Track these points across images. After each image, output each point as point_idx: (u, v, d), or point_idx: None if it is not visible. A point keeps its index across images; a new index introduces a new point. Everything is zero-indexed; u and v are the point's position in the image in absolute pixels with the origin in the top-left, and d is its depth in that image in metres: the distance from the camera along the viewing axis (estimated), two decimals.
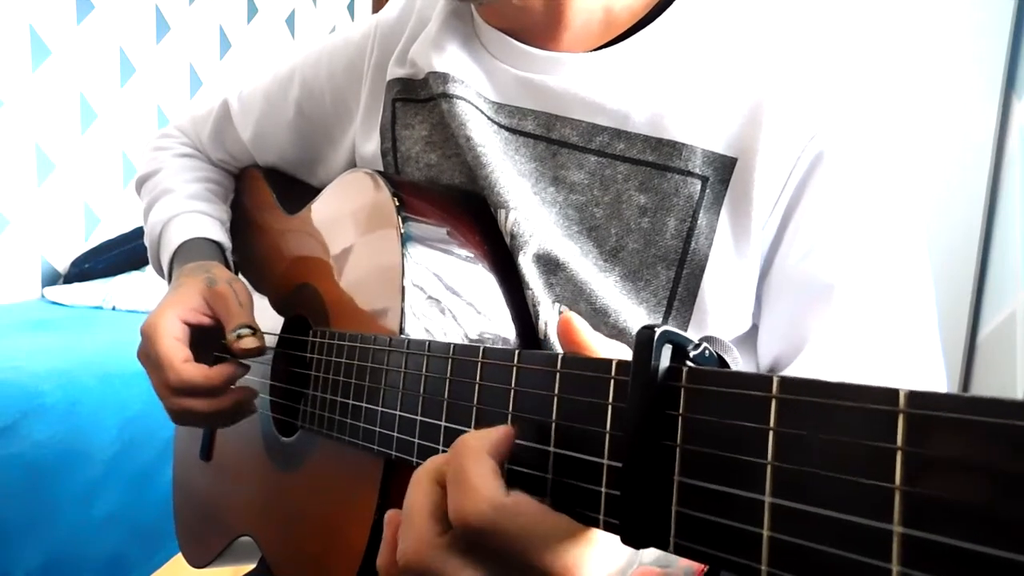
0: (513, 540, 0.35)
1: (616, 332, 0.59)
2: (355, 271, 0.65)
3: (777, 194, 0.58)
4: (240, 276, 0.92)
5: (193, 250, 0.83)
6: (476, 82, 0.68)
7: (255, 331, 0.69)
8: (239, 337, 0.68)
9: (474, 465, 0.36)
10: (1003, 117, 1.69)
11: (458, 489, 0.36)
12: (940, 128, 1.74)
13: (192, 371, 0.68)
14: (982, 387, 1.70)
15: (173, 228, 0.85)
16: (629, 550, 0.40)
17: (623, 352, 0.40)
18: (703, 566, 0.56)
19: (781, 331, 0.60)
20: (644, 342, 0.32)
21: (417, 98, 0.74)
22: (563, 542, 0.36)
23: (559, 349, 0.60)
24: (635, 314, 0.60)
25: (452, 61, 0.69)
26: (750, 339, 0.63)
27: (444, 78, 0.68)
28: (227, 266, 0.84)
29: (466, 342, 0.58)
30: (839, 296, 0.57)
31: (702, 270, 0.59)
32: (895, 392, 0.24)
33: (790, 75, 0.58)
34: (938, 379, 0.58)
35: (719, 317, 0.60)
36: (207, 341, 0.72)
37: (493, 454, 0.37)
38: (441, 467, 0.39)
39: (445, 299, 0.58)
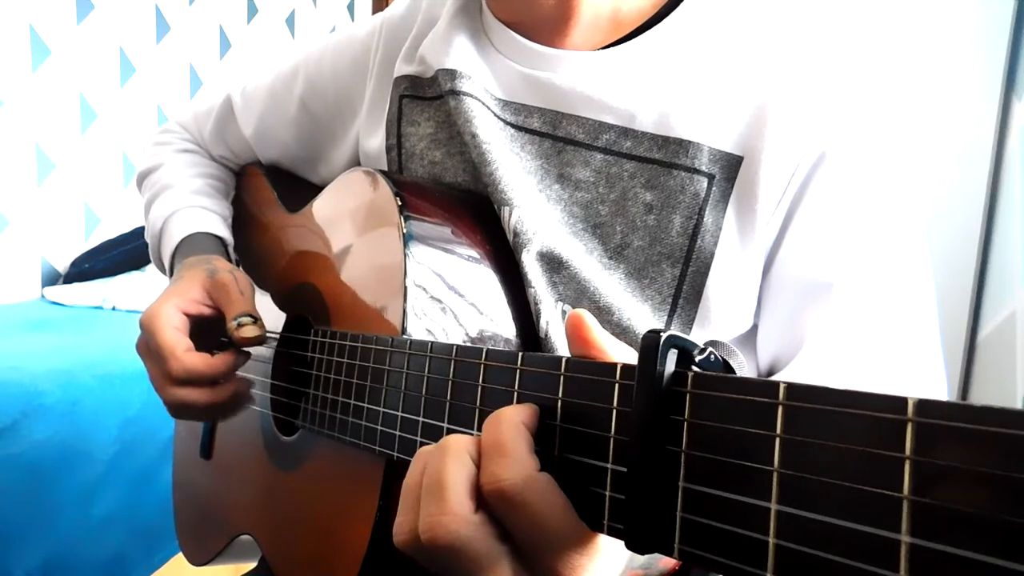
0: (534, 521, 0.35)
1: (620, 331, 0.59)
2: (356, 270, 0.65)
3: (781, 193, 0.58)
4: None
5: (195, 244, 0.83)
6: (483, 78, 0.69)
7: (256, 319, 0.69)
8: (240, 326, 0.68)
9: (513, 436, 0.36)
10: (1003, 117, 1.69)
11: (496, 456, 0.35)
12: (940, 128, 1.75)
13: (195, 359, 0.67)
14: (982, 387, 1.70)
15: (175, 223, 0.85)
16: (625, 558, 0.40)
17: (630, 354, 0.40)
18: (676, 563, 0.56)
19: (780, 330, 0.60)
20: (650, 347, 0.32)
21: (424, 96, 0.74)
22: (573, 543, 0.36)
23: (560, 348, 0.61)
24: (639, 312, 0.60)
25: (460, 57, 0.69)
26: (751, 338, 0.63)
27: (452, 74, 0.68)
28: (228, 260, 0.84)
29: (467, 342, 0.58)
30: (838, 295, 0.57)
31: (707, 268, 0.59)
32: (903, 400, 0.24)
33: (795, 75, 0.59)
34: (938, 380, 0.58)
35: (723, 315, 0.60)
36: (208, 332, 0.72)
37: (530, 429, 0.37)
38: (473, 443, 0.38)
39: (447, 298, 0.58)
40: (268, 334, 0.77)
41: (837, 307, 0.57)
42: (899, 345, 0.56)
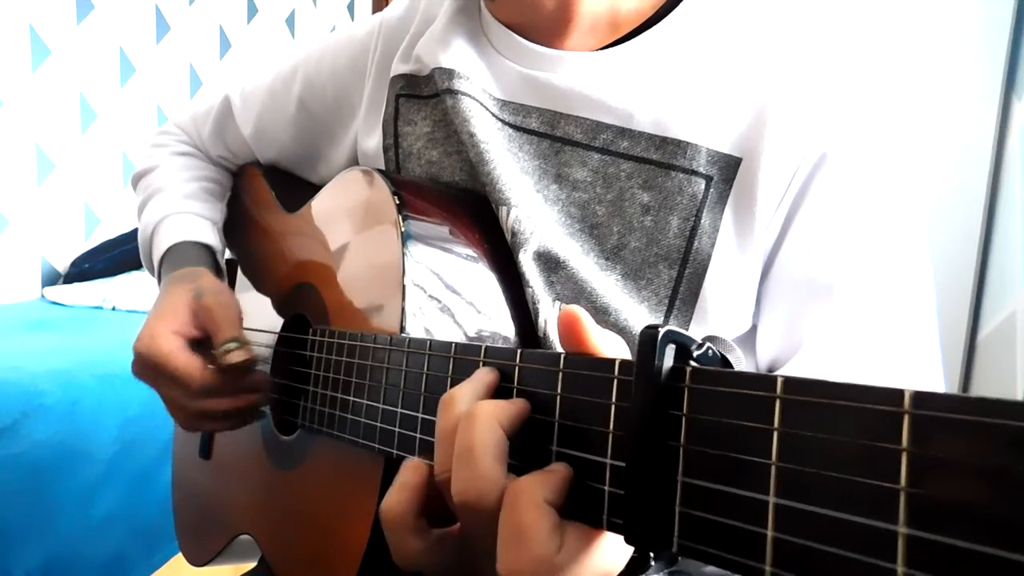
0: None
1: (617, 331, 0.59)
2: (355, 270, 0.65)
3: (781, 194, 0.58)
4: (239, 275, 0.92)
5: (183, 253, 0.83)
6: (481, 78, 0.69)
7: (242, 344, 0.69)
8: (226, 352, 0.68)
9: (531, 517, 0.35)
10: (1003, 117, 1.69)
11: (513, 542, 0.35)
12: (940, 128, 1.75)
13: (214, 377, 0.69)
14: (982, 387, 1.70)
15: (164, 229, 0.85)
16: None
17: (624, 348, 0.40)
18: None
19: (780, 331, 0.60)
20: (648, 342, 0.32)
21: (420, 94, 0.74)
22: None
23: (559, 346, 0.61)
24: (636, 313, 0.60)
25: (458, 57, 0.69)
26: (750, 339, 0.63)
27: (449, 74, 0.68)
28: (217, 270, 0.84)
29: (466, 340, 0.58)
30: (838, 296, 0.57)
31: (705, 269, 0.59)
32: (900, 393, 0.24)
33: (795, 76, 0.59)
34: (936, 383, 0.58)
35: (720, 317, 0.60)
36: (195, 352, 0.73)
37: (553, 500, 0.36)
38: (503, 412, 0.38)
39: (445, 298, 0.58)
40: (264, 333, 0.77)
41: (837, 308, 0.57)
42: (898, 347, 0.56)
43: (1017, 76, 1.67)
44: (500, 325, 0.61)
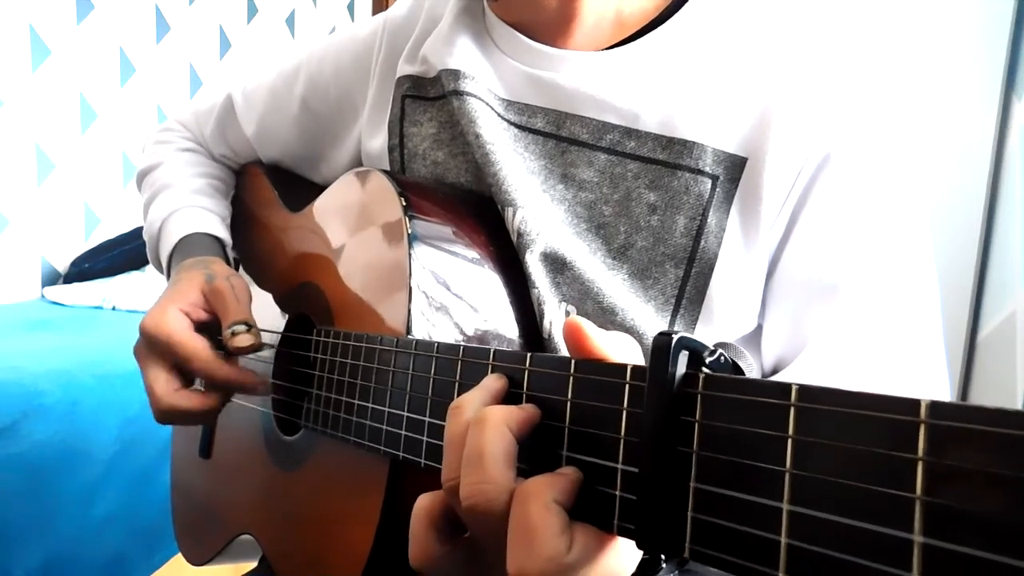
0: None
1: (623, 331, 0.59)
2: (360, 271, 0.65)
3: (785, 194, 0.58)
4: (241, 272, 0.91)
5: (193, 245, 0.83)
6: (486, 78, 0.69)
7: (250, 328, 0.69)
8: (234, 334, 0.68)
9: (541, 517, 0.35)
10: (1003, 117, 1.69)
11: (522, 543, 0.35)
12: (940, 128, 1.75)
13: (222, 366, 0.68)
14: (982, 387, 1.71)
15: (173, 223, 0.85)
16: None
17: (632, 349, 0.40)
18: None
19: (784, 331, 0.60)
20: (661, 348, 0.32)
21: (427, 96, 0.74)
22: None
23: (563, 349, 0.61)
24: (643, 313, 0.60)
25: (463, 57, 0.69)
26: (756, 339, 0.63)
27: (456, 75, 0.68)
28: (227, 262, 0.84)
29: (471, 341, 0.58)
30: (843, 296, 0.57)
31: (711, 269, 0.59)
32: (916, 403, 0.24)
33: (799, 77, 0.59)
34: (940, 383, 0.58)
35: (727, 316, 0.60)
36: (205, 336, 0.72)
37: (563, 502, 0.36)
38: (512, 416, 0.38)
39: (451, 299, 0.58)
40: (267, 332, 0.77)
41: (841, 308, 0.57)
42: (902, 347, 0.57)
43: (1017, 76, 1.67)
44: (505, 327, 0.61)
